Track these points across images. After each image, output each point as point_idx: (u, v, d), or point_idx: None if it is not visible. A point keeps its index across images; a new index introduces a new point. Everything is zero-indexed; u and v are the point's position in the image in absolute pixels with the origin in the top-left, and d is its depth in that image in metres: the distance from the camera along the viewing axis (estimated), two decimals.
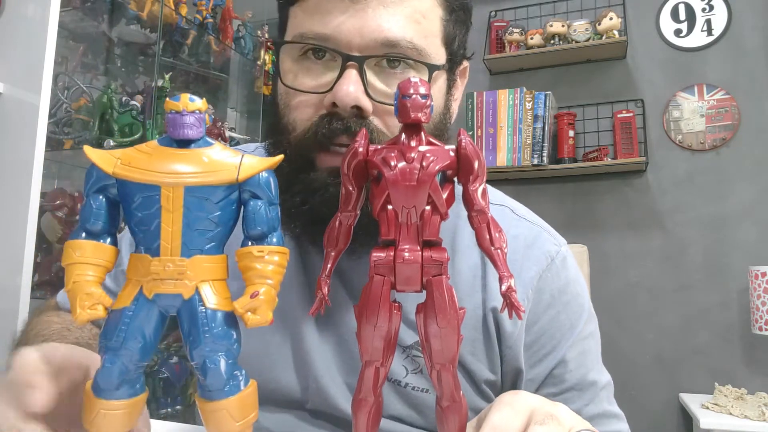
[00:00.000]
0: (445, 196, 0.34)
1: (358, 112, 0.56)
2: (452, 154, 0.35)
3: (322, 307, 0.36)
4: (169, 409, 1.79)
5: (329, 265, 0.37)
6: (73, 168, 1.75)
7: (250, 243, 0.36)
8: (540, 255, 0.66)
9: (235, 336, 0.35)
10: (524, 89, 2.42)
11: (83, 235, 0.35)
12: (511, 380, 0.66)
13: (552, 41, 2.45)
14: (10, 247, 1.30)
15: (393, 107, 0.54)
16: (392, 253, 0.33)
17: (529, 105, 2.40)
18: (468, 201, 0.36)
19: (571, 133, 2.40)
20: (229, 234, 0.36)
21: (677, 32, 2.42)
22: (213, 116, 2.11)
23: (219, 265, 0.35)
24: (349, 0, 0.55)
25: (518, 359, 0.64)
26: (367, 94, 0.56)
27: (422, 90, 0.34)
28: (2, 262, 1.29)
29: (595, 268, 1.16)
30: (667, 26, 2.44)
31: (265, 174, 0.35)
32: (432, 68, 0.58)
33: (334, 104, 0.56)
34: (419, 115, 0.34)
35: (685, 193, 2.33)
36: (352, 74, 0.55)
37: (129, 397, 0.35)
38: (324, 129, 0.56)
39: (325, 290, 0.36)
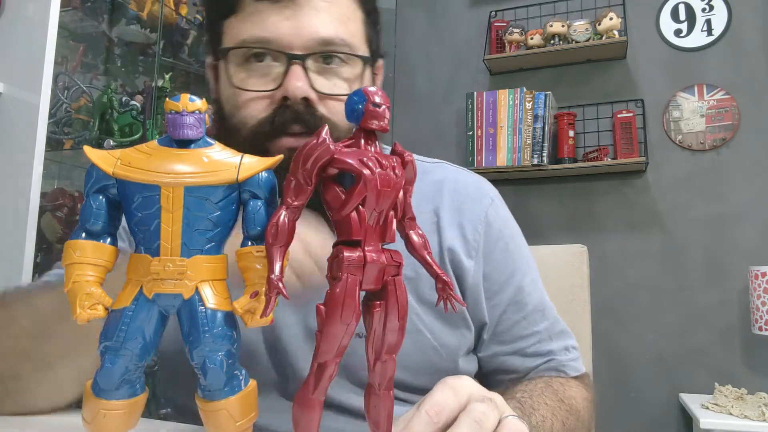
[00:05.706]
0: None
1: (307, 102, 0.64)
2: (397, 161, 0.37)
3: (271, 308, 0.33)
4: (169, 409, 1.79)
5: (280, 264, 0.34)
6: (73, 168, 1.75)
7: (250, 243, 0.36)
8: (484, 195, 0.79)
9: (235, 336, 0.35)
10: (524, 89, 2.43)
11: (83, 235, 0.35)
12: (476, 332, 0.75)
13: (552, 41, 2.45)
14: (10, 247, 1.30)
15: (333, 97, 0.66)
16: (361, 254, 0.34)
17: (529, 105, 2.40)
18: (404, 209, 0.38)
19: (571, 133, 2.40)
20: (228, 234, 0.36)
21: (677, 32, 2.43)
22: (213, 116, 2.11)
23: (219, 265, 0.35)
24: (282, 6, 0.63)
25: (482, 310, 0.74)
26: (312, 87, 0.64)
27: (387, 102, 0.35)
28: (2, 262, 1.29)
29: (595, 268, 1.16)
30: (667, 26, 2.44)
31: (264, 174, 0.36)
32: (365, 60, 0.68)
33: (284, 98, 0.63)
34: (382, 124, 0.35)
35: (685, 193, 2.33)
36: (297, 71, 0.63)
37: (129, 397, 0.35)
38: (280, 118, 0.64)
39: (283, 289, 0.33)
